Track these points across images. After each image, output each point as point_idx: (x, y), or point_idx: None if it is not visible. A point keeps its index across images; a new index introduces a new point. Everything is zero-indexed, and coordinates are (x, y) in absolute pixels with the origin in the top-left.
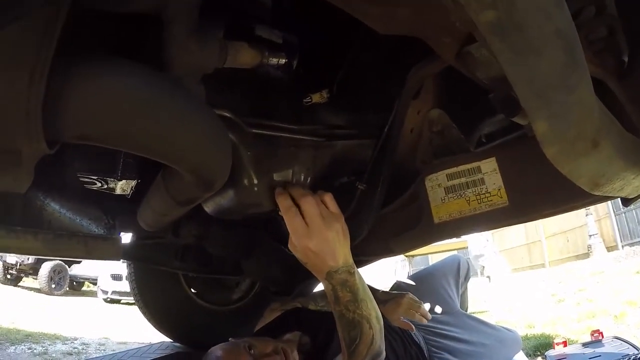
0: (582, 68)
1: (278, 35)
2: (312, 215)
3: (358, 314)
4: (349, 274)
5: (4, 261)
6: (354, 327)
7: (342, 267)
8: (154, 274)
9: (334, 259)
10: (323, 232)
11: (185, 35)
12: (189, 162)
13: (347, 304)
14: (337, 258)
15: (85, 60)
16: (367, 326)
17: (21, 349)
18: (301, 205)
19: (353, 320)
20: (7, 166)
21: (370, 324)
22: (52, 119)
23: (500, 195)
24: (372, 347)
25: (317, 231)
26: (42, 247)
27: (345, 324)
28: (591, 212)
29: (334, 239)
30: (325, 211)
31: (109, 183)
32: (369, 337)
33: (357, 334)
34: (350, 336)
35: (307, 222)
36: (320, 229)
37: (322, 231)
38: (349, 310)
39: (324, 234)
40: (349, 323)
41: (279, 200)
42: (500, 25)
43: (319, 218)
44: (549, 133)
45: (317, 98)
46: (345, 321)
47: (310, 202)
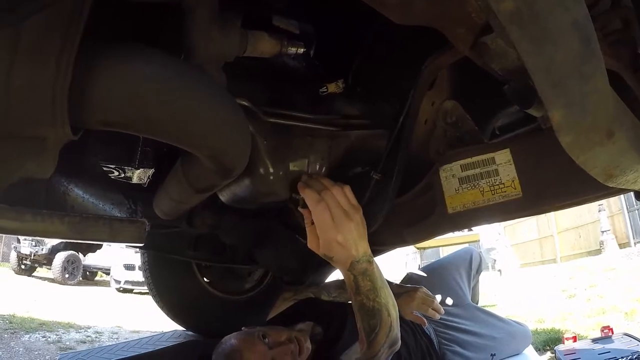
0: (597, 59)
1: (295, 25)
2: (336, 207)
3: (377, 302)
4: (369, 263)
5: (19, 252)
6: (373, 315)
7: (362, 257)
8: (168, 263)
9: (357, 249)
10: (347, 224)
11: (207, 23)
12: (210, 148)
13: (368, 293)
14: (359, 248)
15: (110, 47)
16: (386, 314)
17: (35, 337)
18: (325, 199)
19: (373, 309)
20: (32, 152)
21: (388, 311)
22: (77, 105)
23: (514, 187)
24: (390, 334)
25: (342, 223)
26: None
27: (365, 313)
28: (604, 208)
29: (356, 229)
30: (346, 203)
31: (127, 172)
32: (388, 325)
33: (376, 323)
34: (370, 325)
35: (332, 215)
36: (344, 221)
37: (346, 223)
38: (369, 299)
39: (347, 225)
40: (369, 312)
41: (306, 194)
42: (519, 15)
43: (342, 210)
44: (564, 122)
45: (333, 88)
46: (366, 310)
47: (332, 196)
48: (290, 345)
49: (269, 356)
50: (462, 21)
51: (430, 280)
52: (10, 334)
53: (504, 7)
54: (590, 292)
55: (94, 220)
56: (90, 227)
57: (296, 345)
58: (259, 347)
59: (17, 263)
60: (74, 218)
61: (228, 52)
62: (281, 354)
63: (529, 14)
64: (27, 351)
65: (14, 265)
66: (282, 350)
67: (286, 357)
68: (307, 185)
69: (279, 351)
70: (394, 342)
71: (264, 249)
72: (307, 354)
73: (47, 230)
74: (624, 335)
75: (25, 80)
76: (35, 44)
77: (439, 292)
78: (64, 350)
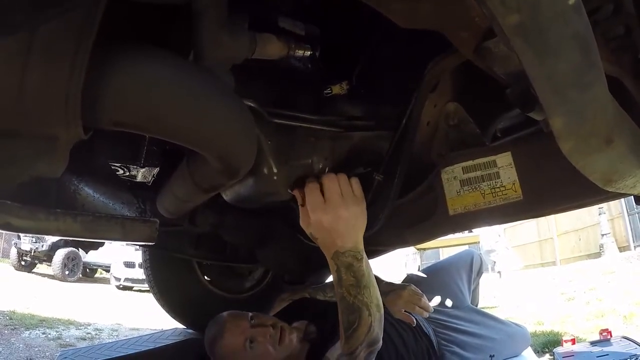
0: (597, 68)
1: (301, 27)
2: (331, 191)
3: (359, 300)
4: (356, 259)
5: (19, 248)
6: (352, 311)
7: (349, 251)
8: (169, 260)
9: (343, 240)
10: (338, 210)
11: (217, 26)
12: (218, 149)
13: (349, 288)
14: (347, 240)
15: (123, 49)
16: (367, 313)
17: (36, 333)
18: (323, 181)
19: (353, 305)
20: (43, 151)
21: (370, 311)
22: (90, 105)
23: (515, 190)
24: (369, 334)
25: (332, 207)
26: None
27: (345, 307)
28: (604, 211)
29: (347, 220)
30: (347, 192)
31: (131, 170)
32: (367, 324)
33: (355, 319)
34: (348, 320)
35: (326, 197)
36: (336, 206)
37: (338, 209)
38: (350, 295)
39: (339, 211)
40: (349, 307)
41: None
42: (523, 28)
43: (338, 195)
44: (565, 129)
45: (337, 90)
46: (345, 304)
47: (331, 178)
48: (271, 329)
49: (248, 332)
50: (465, 25)
51: (430, 282)
52: (10, 330)
53: (509, 21)
54: (589, 295)
55: (107, 219)
56: (102, 226)
57: (277, 332)
58: (242, 322)
59: (17, 259)
60: (87, 217)
61: (237, 54)
62: (259, 333)
63: (532, 26)
64: (27, 347)
65: (14, 261)
66: (261, 331)
67: (263, 337)
68: None
69: (258, 331)
70: (373, 342)
71: (266, 248)
72: (289, 344)
73: (59, 228)
74: (622, 338)
75: (39, 82)
76: (49, 46)
77: (438, 293)
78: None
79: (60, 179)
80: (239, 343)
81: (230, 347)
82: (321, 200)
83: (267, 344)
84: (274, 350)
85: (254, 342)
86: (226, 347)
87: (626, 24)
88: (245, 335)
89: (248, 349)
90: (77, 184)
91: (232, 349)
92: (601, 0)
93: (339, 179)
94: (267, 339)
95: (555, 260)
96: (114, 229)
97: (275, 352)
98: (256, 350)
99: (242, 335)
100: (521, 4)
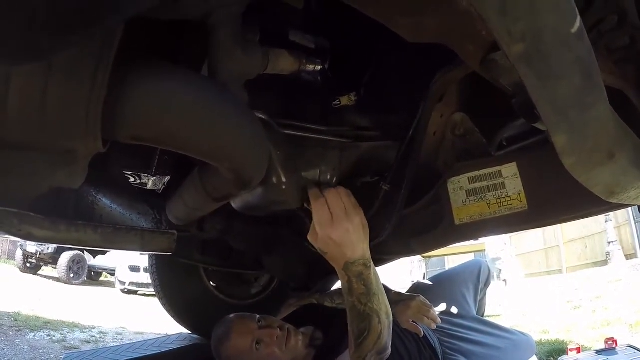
0: (598, 89)
1: (310, 40)
2: (337, 207)
3: (369, 307)
4: (365, 267)
5: (24, 250)
6: (363, 320)
7: (359, 260)
8: (175, 266)
9: (353, 251)
10: (345, 224)
11: (232, 43)
12: (232, 162)
13: (360, 297)
14: (356, 250)
15: (142, 65)
16: (377, 320)
17: (40, 335)
18: (327, 197)
19: (363, 313)
20: (63, 163)
21: (379, 318)
22: (109, 120)
23: (520, 200)
24: (379, 341)
25: (340, 222)
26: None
27: (355, 315)
28: (611, 219)
29: (354, 231)
30: (349, 204)
31: (142, 178)
32: (377, 332)
33: (366, 327)
34: (359, 328)
35: (332, 213)
36: (342, 220)
37: (344, 223)
38: (361, 303)
39: (345, 225)
40: (360, 315)
41: (310, 191)
42: (527, 56)
43: (343, 210)
44: (567, 145)
45: (345, 101)
46: (356, 313)
47: (335, 195)
48: (278, 330)
49: (255, 334)
50: (471, 38)
51: (437, 290)
52: (15, 332)
53: (515, 50)
54: (595, 303)
55: (126, 231)
56: (122, 237)
57: (284, 334)
58: (250, 323)
59: (22, 261)
60: (107, 229)
61: (251, 70)
62: (266, 335)
63: (536, 54)
64: (32, 349)
65: (19, 263)
66: (268, 333)
67: (270, 339)
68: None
69: (265, 332)
70: (382, 350)
71: (272, 255)
72: (295, 347)
73: (80, 239)
74: (627, 347)
75: (60, 99)
76: (71, 65)
77: (444, 302)
78: (68, 350)
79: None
80: (246, 344)
81: (237, 348)
82: (329, 217)
83: (274, 345)
84: (280, 352)
85: (261, 344)
86: (233, 347)
87: (631, 34)
88: (253, 337)
89: (254, 350)
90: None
91: (239, 350)
92: (605, 12)
93: (340, 193)
94: (273, 341)
95: (561, 268)
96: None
97: (281, 354)
98: (262, 351)
99: (250, 336)
100: (526, 34)
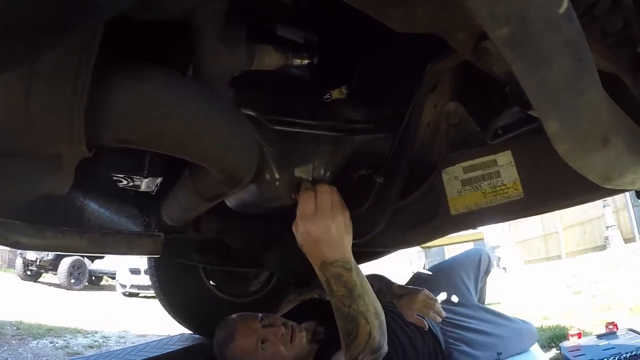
0: (590, 72)
1: (299, 34)
2: (324, 202)
3: (353, 309)
4: (345, 270)
5: (24, 258)
6: (349, 321)
7: (337, 261)
8: (175, 267)
9: (330, 251)
10: (326, 220)
11: (215, 41)
12: (221, 161)
13: (342, 299)
14: (334, 250)
15: (123, 68)
16: (364, 322)
17: (43, 342)
18: (317, 190)
19: (348, 315)
20: (50, 170)
21: (367, 319)
22: (93, 124)
23: (516, 188)
24: (370, 341)
25: (321, 218)
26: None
27: (340, 316)
28: (609, 204)
29: (334, 230)
30: (336, 202)
31: (135, 180)
32: (366, 332)
33: (353, 328)
34: (346, 329)
35: (317, 207)
36: (325, 216)
37: (326, 219)
38: (344, 305)
39: (326, 222)
40: (344, 316)
41: (302, 183)
42: (513, 39)
43: (329, 206)
44: (559, 132)
45: (337, 94)
46: (341, 314)
47: (325, 190)
48: (282, 328)
49: (260, 333)
50: (462, 27)
51: (437, 280)
52: (18, 340)
53: (499, 34)
54: (595, 288)
55: (113, 235)
56: (109, 242)
57: (288, 331)
58: (253, 323)
59: (22, 269)
60: (94, 234)
61: (235, 67)
62: (271, 333)
63: (522, 37)
64: (35, 357)
65: (19, 271)
66: (273, 331)
67: (274, 337)
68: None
69: (270, 331)
70: (376, 349)
71: (270, 252)
72: (300, 343)
73: (67, 246)
74: (628, 330)
75: (42, 104)
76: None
77: (444, 291)
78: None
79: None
80: (251, 344)
81: (242, 348)
82: (312, 211)
83: (279, 343)
84: (285, 349)
85: (266, 343)
86: (238, 348)
87: (624, 17)
88: (257, 336)
89: (260, 350)
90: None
91: (244, 351)
92: None
93: (330, 190)
94: (278, 339)
95: (560, 254)
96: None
97: (287, 351)
98: (268, 350)
99: (254, 335)
100: (510, 16)
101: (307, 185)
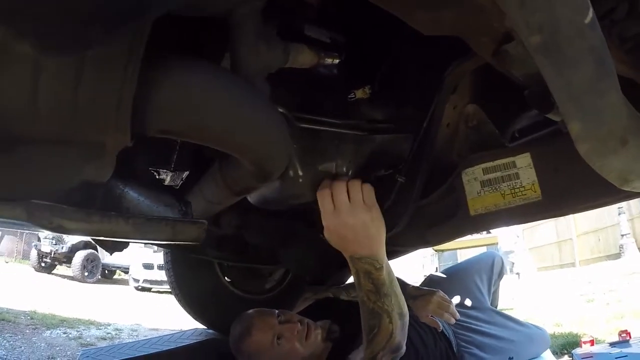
0: (611, 76)
1: (326, 34)
2: (339, 199)
3: (378, 306)
4: (374, 268)
5: (39, 250)
6: (373, 317)
7: (366, 258)
8: (190, 261)
9: (355, 247)
10: (345, 218)
11: (254, 38)
12: (256, 154)
13: (368, 294)
14: (359, 247)
15: (170, 60)
16: (387, 320)
17: (57, 333)
18: (332, 188)
19: (373, 311)
20: (91, 156)
21: (390, 318)
22: (138, 114)
23: (534, 190)
24: (390, 340)
25: (340, 215)
26: (132, 231)
27: (365, 311)
28: (624, 211)
29: (354, 227)
30: (356, 199)
31: (161, 174)
32: (388, 331)
33: (375, 324)
34: (369, 324)
35: (335, 205)
36: (341, 213)
37: (344, 216)
38: (370, 300)
39: (344, 219)
40: (369, 311)
41: (322, 182)
42: (545, 46)
43: (345, 203)
44: (582, 132)
45: (360, 94)
46: (365, 309)
47: (340, 187)
48: (298, 324)
49: (276, 329)
50: (485, 31)
51: (451, 283)
52: (32, 330)
53: (532, 41)
54: (609, 296)
55: (157, 221)
56: (154, 227)
57: (304, 328)
58: (270, 319)
59: (37, 261)
60: (139, 219)
61: (273, 64)
62: (287, 330)
63: (552, 44)
64: (49, 346)
65: (34, 262)
66: (288, 327)
67: (290, 334)
68: None
69: (286, 327)
70: (395, 348)
71: (288, 248)
72: (315, 341)
73: (112, 230)
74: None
75: (91, 93)
76: (102, 60)
77: (457, 293)
78: (85, 346)
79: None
80: (267, 340)
81: (258, 344)
82: (331, 207)
83: (295, 340)
84: (301, 346)
85: (282, 339)
86: (254, 343)
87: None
88: (274, 332)
89: (276, 346)
90: (123, 189)
91: (260, 346)
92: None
93: (349, 186)
94: (294, 335)
95: (574, 261)
96: (165, 230)
97: (302, 348)
98: (284, 346)
99: (270, 331)
100: (543, 25)
101: (324, 184)
